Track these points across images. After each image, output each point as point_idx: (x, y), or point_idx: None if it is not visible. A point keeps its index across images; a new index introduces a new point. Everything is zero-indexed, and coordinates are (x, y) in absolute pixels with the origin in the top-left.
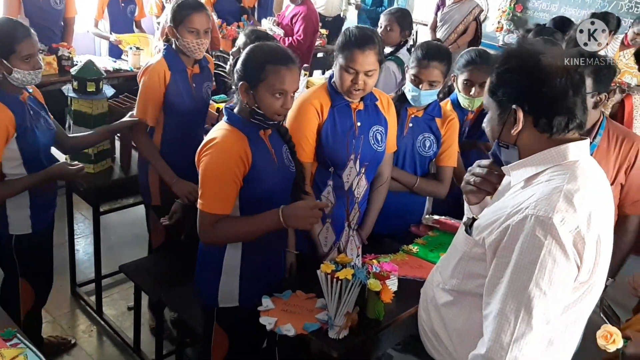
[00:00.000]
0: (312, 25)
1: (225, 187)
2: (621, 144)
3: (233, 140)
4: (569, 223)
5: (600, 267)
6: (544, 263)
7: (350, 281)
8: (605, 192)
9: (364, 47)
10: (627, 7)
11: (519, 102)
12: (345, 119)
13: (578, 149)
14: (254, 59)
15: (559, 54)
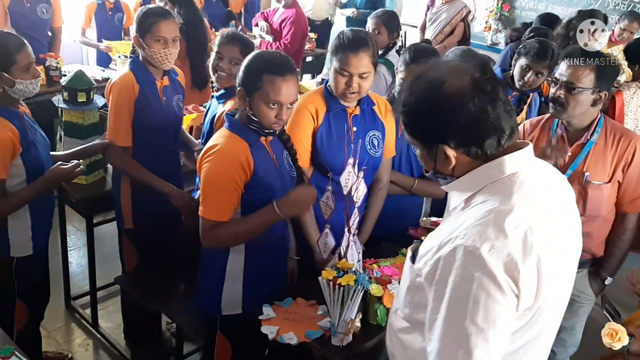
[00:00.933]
0: (300, 30)
1: (226, 193)
2: (618, 142)
3: (234, 146)
4: (499, 251)
5: (547, 287)
6: (477, 298)
7: (352, 287)
8: (556, 202)
9: (358, 49)
10: (613, 3)
11: (441, 140)
12: (341, 124)
13: (516, 159)
14: (253, 67)
15: (462, 70)
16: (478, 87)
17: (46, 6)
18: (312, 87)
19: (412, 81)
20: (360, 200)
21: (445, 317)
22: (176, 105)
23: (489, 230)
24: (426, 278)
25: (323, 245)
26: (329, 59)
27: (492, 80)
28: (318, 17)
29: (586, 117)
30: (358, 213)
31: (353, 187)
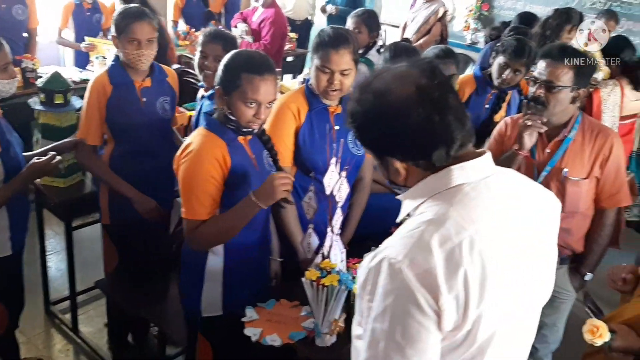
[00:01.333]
0: (280, 30)
1: (206, 191)
2: (596, 138)
3: (210, 145)
4: (418, 266)
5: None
6: (395, 314)
7: (336, 287)
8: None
9: (339, 46)
10: (590, 2)
11: (388, 153)
12: (323, 123)
13: (465, 170)
14: (231, 66)
15: (407, 77)
16: (424, 95)
17: (22, 7)
18: (294, 87)
19: (359, 90)
20: (343, 199)
21: (371, 329)
22: (161, 106)
23: (414, 244)
24: (360, 287)
25: (306, 245)
26: (310, 57)
27: (441, 86)
28: (298, 17)
29: (564, 115)
30: (341, 212)
31: (335, 187)
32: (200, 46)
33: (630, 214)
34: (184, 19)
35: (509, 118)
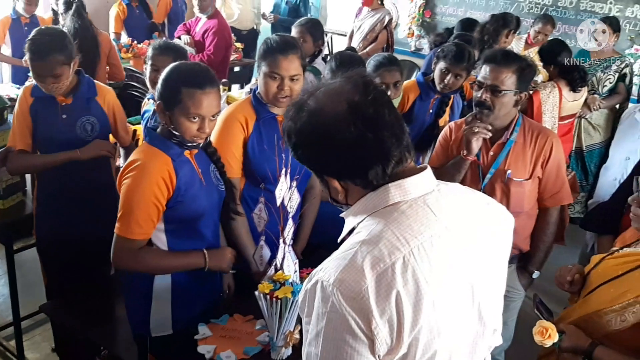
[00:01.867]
0: (224, 40)
1: (147, 213)
2: (536, 139)
3: (155, 162)
4: (350, 289)
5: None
6: (328, 337)
7: (290, 299)
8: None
9: (287, 52)
10: (527, 7)
11: (325, 173)
12: (271, 132)
13: (402, 187)
14: (171, 80)
15: (339, 95)
16: (356, 112)
17: None
18: (241, 97)
19: (294, 108)
20: (294, 209)
21: (306, 353)
22: (81, 127)
23: (345, 266)
24: (300, 309)
25: (259, 257)
26: (257, 65)
27: (375, 101)
28: (244, 26)
29: (507, 118)
30: (292, 223)
31: (286, 197)
32: (150, 59)
33: (573, 211)
34: (126, 31)
35: (452, 123)
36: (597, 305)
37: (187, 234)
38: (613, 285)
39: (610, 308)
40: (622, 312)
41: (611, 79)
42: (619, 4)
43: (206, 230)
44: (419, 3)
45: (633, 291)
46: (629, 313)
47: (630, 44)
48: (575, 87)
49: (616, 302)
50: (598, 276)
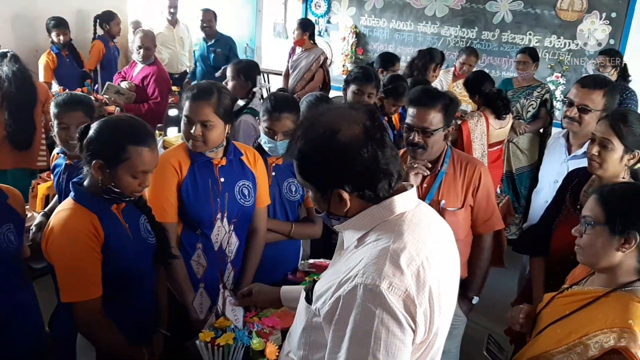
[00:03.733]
0: (165, 85)
1: (88, 268)
2: (465, 169)
3: (80, 220)
4: (397, 288)
5: (438, 318)
6: (378, 334)
7: (232, 346)
8: (439, 236)
9: (197, 99)
10: (453, 42)
11: (337, 186)
12: (206, 176)
13: (403, 200)
14: (115, 138)
15: (354, 118)
16: (369, 135)
17: None
18: (178, 141)
19: (305, 129)
20: (233, 253)
21: (346, 356)
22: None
23: (386, 268)
24: (325, 317)
25: (199, 305)
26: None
27: (381, 127)
28: (176, 70)
29: (437, 151)
30: (232, 267)
31: (224, 242)
32: (56, 118)
33: (509, 232)
34: (57, 80)
35: None
36: (545, 346)
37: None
38: (560, 325)
39: (556, 349)
40: (567, 353)
41: (534, 104)
42: (538, 35)
43: (137, 286)
44: (350, 41)
45: (577, 332)
46: (574, 354)
47: (550, 72)
48: (500, 114)
49: (562, 343)
50: (548, 315)
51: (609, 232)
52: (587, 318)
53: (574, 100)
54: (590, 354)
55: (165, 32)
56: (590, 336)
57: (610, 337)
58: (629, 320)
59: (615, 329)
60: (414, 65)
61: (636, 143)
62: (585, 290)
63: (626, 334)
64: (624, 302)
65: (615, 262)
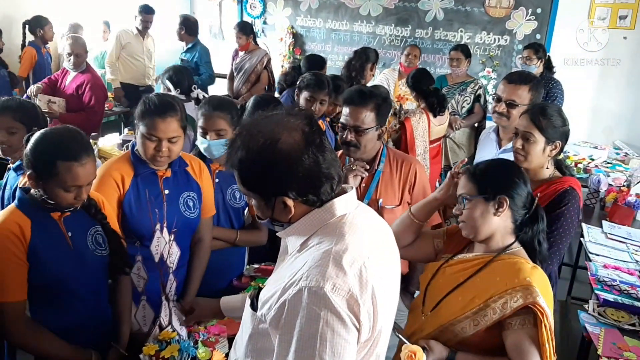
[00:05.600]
0: (102, 92)
1: (15, 270)
2: (401, 167)
3: (8, 221)
4: (340, 289)
5: (381, 315)
6: (323, 335)
7: (177, 357)
8: (379, 236)
9: (165, 114)
10: (389, 40)
11: (281, 193)
12: (151, 188)
13: (343, 202)
14: (43, 152)
15: (292, 125)
16: (309, 140)
17: None
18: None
19: (244, 138)
20: (175, 264)
21: (294, 358)
22: None
23: (329, 269)
24: (271, 323)
25: (142, 318)
26: (135, 123)
27: (319, 131)
28: (141, 82)
29: (372, 151)
30: (174, 278)
31: (165, 252)
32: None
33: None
34: None
35: None
36: (449, 315)
37: (50, 301)
38: (460, 293)
39: (463, 315)
40: (474, 317)
41: (468, 100)
42: (469, 31)
43: (75, 299)
44: (288, 42)
45: (480, 296)
46: (481, 317)
47: (482, 67)
48: (435, 112)
49: (467, 309)
50: (441, 285)
51: (484, 201)
52: (485, 282)
53: (502, 95)
54: (495, 316)
55: (133, 42)
56: (495, 298)
57: (517, 296)
58: (527, 278)
59: (518, 288)
60: (352, 66)
61: (556, 134)
62: (471, 258)
63: (529, 291)
64: (513, 263)
65: (494, 227)
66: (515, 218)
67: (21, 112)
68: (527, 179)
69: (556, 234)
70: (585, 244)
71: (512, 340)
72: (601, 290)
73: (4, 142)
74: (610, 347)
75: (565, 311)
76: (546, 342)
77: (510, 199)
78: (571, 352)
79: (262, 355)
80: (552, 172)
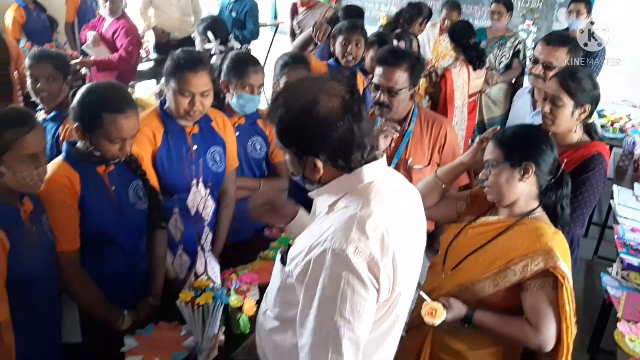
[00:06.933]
0: (136, 39)
1: (64, 222)
2: (432, 127)
3: (59, 175)
4: (362, 252)
5: (401, 279)
6: (344, 294)
7: (211, 304)
8: (406, 203)
9: (196, 68)
10: None
11: (312, 153)
12: (180, 144)
13: (372, 169)
14: (90, 105)
15: (333, 91)
16: (347, 108)
17: None
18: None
19: (287, 97)
20: (210, 216)
21: (316, 313)
22: None
23: (353, 233)
24: (297, 279)
25: (178, 266)
26: (165, 80)
27: (358, 100)
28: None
29: (404, 111)
30: (209, 230)
31: (200, 206)
32: (28, 70)
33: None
34: (26, 36)
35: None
36: (470, 275)
37: (94, 251)
38: (482, 254)
39: (483, 276)
40: (494, 278)
41: (506, 55)
42: None
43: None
44: None
45: (501, 259)
46: (501, 278)
47: (522, 20)
48: (474, 66)
49: (487, 270)
50: (462, 247)
51: (510, 167)
52: (507, 245)
53: (539, 57)
54: (515, 278)
55: None
56: (516, 261)
57: (538, 260)
58: (548, 243)
59: (540, 252)
60: (401, 15)
61: (585, 98)
62: (494, 221)
63: (550, 255)
64: (535, 228)
65: (519, 193)
66: (540, 184)
67: (59, 60)
68: (555, 145)
69: (580, 199)
70: (615, 206)
71: (530, 301)
72: (626, 254)
73: (44, 90)
74: (631, 311)
75: (590, 270)
76: (566, 304)
77: (536, 166)
78: (593, 311)
79: (288, 306)
80: (581, 136)
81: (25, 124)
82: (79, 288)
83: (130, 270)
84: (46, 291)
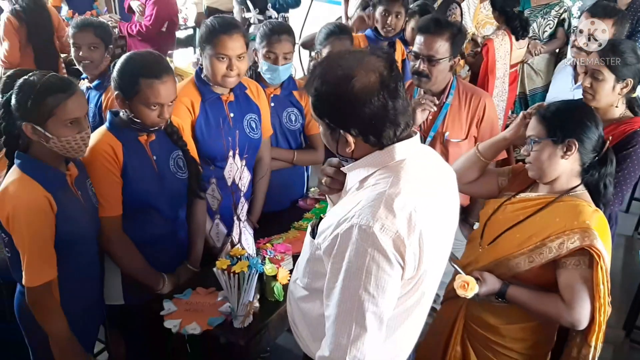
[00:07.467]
0: (165, 10)
1: (106, 188)
2: (470, 101)
3: (102, 143)
4: (388, 229)
5: (427, 257)
6: (369, 270)
7: (246, 273)
8: (437, 181)
9: (231, 31)
10: None
11: (344, 127)
12: (217, 112)
13: (404, 147)
14: (128, 72)
15: (371, 66)
16: (383, 84)
17: None
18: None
19: (324, 68)
20: (246, 186)
21: (341, 286)
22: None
23: (380, 211)
24: (325, 252)
25: (215, 235)
26: (200, 48)
27: (397, 77)
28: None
29: (442, 82)
30: (245, 200)
31: (236, 177)
32: (71, 38)
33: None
34: (67, 3)
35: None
36: (506, 250)
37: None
38: (519, 230)
39: (519, 252)
40: (530, 254)
41: (551, 24)
42: None
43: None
44: None
45: (538, 235)
46: (536, 255)
47: None
48: (518, 35)
49: (523, 246)
50: (501, 222)
51: (552, 143)
52: (545, 222)
53: (583, 29)
54: (550, 255)
55: None
56: (552, 238)
57: (575, 238)
58: (586, 221)
59: (576, 230)
60: None
61: (628, 72)
62: (533, 197)
63: (587, 234)
64: (575, 205)
65: (561, 170)
66: (584, 161)
67: (101, 28)
68: (600, 122)
69: (620, 176)
70: None
71: (565, 279)
72: None
73: (86, 58)
74: None
75: (630, 246)
76: (601, 283)
77: (580, 143)
78: (631, 287)
79: (317, 277)
80: (623, 111)
81: (67, 90)
82: (122, 252)
83: (170, 237)
84: (89, 253)
